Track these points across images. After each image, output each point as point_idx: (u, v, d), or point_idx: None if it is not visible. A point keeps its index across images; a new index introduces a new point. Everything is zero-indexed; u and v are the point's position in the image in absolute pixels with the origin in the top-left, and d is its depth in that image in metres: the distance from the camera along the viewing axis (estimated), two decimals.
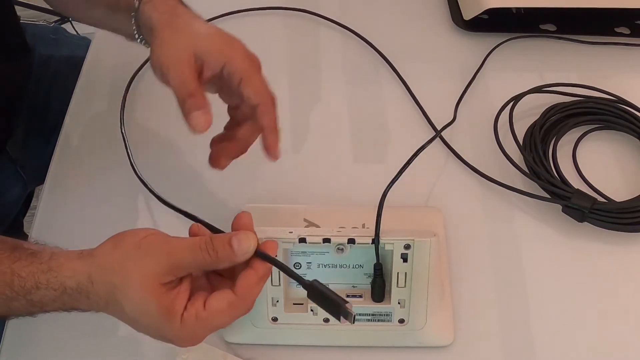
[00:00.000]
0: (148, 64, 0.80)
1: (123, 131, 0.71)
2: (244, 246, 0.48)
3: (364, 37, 0.87)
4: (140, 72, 0.82)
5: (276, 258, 0.49)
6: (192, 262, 0.48)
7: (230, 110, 0.62)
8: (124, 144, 0.68)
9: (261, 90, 0.58)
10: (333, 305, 0.48)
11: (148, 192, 0.61)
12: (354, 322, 0.48)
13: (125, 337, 0.63)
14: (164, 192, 0.59)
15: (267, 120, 0.58)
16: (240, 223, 0.50)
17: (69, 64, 0.93)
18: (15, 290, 0.50)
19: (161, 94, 0.73)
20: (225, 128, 0.62)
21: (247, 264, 0.49)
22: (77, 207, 0.72)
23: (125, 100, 0.77)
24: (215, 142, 0.62)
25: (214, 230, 0.51)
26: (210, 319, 0.48)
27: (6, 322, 0.65)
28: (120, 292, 0.48)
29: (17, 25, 0.86)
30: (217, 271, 0.51)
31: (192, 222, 0.53)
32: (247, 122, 0.60)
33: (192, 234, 0.52)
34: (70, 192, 0.74)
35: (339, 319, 0.48)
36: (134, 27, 0.64)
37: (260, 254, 0.49)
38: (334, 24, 0.89)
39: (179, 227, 0.53)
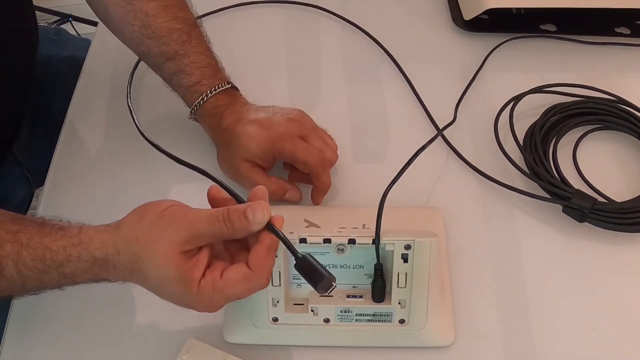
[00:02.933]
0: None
1: (129, 104, 0.72)
2: (259, 217, 0.51)
3: (369, 32, 0.87)
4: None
5: (280, 231, 0.52)
6: (211, 233, 0.51)
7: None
8: (131, 115, 0.68)
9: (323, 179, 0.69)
10: (319, 277, 0.51)
11: (150, 189, 0.60)
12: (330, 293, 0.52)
13: (125, 337, 0.63)
14: (166, 187, 0.59)
15: (318, 184, 0.69)
16: (256, 195, 0.53)
17: (71, 64, 0.93)
18: (47, 264, 0.53)
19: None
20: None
21: (256, 237, 0.52)
22: (78, 207, 0.73)
23: (132, 77, 0.78)
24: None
25: (232, 194, 0.54)
26: (225, 289, 0.51)
27: (6, 322, 0.65)
28: (143, 261, 0.51)
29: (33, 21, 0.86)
30: (235, 240, 0.54)
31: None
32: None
33: (210, 195, 0.55)
34: (71, 191, 0.74)
35: (324, 291, 0.51)
36: (189, 115, 0.73)
37: (269, 226, 0.52)
38: (336, 18, 0.89)
39: None
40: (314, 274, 0.51)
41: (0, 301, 0.71)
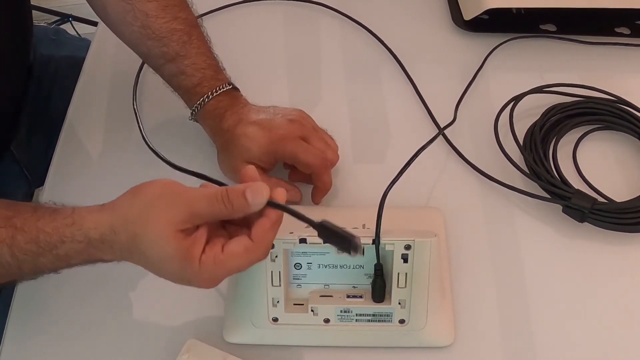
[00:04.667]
0: None
1: (135, 107, 0.74)
2: (257, 198, 0.51)
3: (373, 31, 0.87)
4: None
5: (289, 207, 0.52)
6: (209, 212, 0.51)
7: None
8: (136, 119, 0.70)
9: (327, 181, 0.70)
10: (343, 241, 0.50)
11: None
12: (363, 254, 0.52)
13: (126, 337, 0.63)
14: None
15: (319, 184, 0.70)
16: (248, 176, 0.54)
17: (70, 64, 0.93)
18: (41, 246, 0.53)
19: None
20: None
21: (260, 212, 0.52)
22: None
23: (137, 79, 0.79)
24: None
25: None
26: (227, 262, 0.51)
27: (7, 322, 0.65)
28: (141, 240, 0.51)
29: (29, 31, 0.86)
30: (232, 221, 0.54)
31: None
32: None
33: None
34: (71, 191, 0.74)
35: (349, 253, 0.50)
36: (189, 117, 0.73)
37: (272, 203, 0.52)
38: (337, 15, 0.89)
39: None
40: (340, 240, 0.51)
41: (1, 300, 0.71)
